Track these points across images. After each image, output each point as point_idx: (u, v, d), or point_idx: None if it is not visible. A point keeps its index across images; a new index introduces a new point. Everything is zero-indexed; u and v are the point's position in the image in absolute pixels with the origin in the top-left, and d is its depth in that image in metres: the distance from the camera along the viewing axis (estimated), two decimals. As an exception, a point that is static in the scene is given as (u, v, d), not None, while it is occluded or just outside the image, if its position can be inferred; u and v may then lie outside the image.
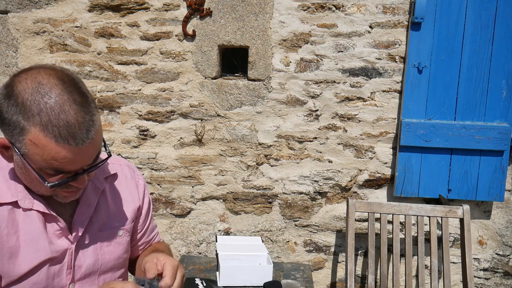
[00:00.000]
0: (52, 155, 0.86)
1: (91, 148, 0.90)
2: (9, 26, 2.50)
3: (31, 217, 0.99)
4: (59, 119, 0.84)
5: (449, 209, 2.29)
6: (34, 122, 0.84)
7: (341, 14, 2.39)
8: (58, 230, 1.02)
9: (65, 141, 0.85)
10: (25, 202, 0.98)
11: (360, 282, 2.64)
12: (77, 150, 0.87)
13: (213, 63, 2.47)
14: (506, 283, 2.60)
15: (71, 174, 0.92)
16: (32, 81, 0.86)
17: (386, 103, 2.45)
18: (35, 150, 0.86)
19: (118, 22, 2.47)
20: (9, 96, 0.86)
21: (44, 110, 0.84)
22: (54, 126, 0.84)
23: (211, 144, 2.54)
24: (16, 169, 0.97)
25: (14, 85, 0.86)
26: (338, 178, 2.53)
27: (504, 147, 2.37)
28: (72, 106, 0.86)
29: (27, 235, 0.98)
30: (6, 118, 0.86)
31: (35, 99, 0.84)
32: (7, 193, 0.98)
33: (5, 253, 0.96)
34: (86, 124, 0.87)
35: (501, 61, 2.33)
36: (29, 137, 0.85)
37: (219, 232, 2.62)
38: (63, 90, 0.86)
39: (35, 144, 0.85)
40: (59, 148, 0.85)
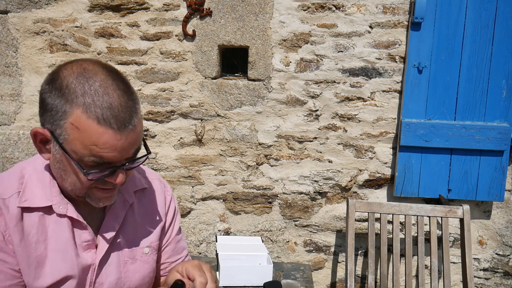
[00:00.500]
0: (93, 140, 0.82)
1: (132, 136, 0.86)
2: (9, 26, 2.50)
3: (62, 225, 0.95)
4: (102, 101, 0.82)
5: (449, 209, 2.29)
6: (77, 103, 0.81)
7: (341, 14, 2.39)
8: (85, 242, 0.98)
9: (107, 124, 0.82)
10: (59, 207, 0.95)
11: (360, 282, 2.64)
12: (119, 135, 0.83)
13: (213, 63, 2.47)
14: (506, 283, 2.60)
15: (110, 167, 0.87)
16: (77, 67, 0.85)
17: (386, 103, 2.45)
18: (75, 135, 0.83)
19: (118, 22, 2.47)
20: (53, 81, 0.85)
21: (88, 92, 0.82)
22: (97, 107, 0.81)
23: (211, 144, 2.54)
24: (52, 166, 0.93)
25: (60, 71, 0.85)
26: (338, 178, 2.53)
27: (504, 147, 2.37)
28: (116, 91, 0.84)
29: (55, 244, 0.94)
30: (49, 103, 0.84)
31: (79, 82, 0.83)
32: (42, 197, 0.94)
33: (32, 262, 0.92)
34: (130, 109, 0.85)
35: (501, 61, 2.33)
36: (71, 120, 0.82)
37: (219, 232, 2.62)
38: (108, 76, 0.85)
39: (76, 127, 0.82)
40: (101, 130, 0.82)
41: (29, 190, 0.94)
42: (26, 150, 2.58)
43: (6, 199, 0.91)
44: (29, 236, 0.92)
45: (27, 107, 2.56)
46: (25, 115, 2.57)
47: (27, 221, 0.92)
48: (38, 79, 2.53)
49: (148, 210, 1.11)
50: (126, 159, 0.89)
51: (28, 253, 0.92)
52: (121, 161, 0.88)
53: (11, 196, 0.92)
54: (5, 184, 0.94)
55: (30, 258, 0.92)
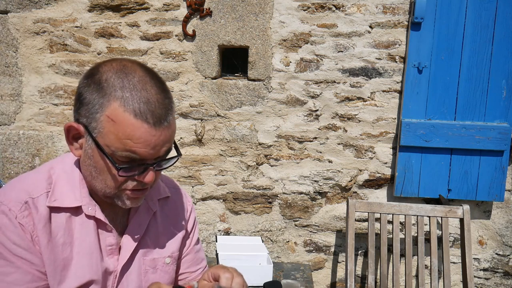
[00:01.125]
0: (128, 133, 0.82)
1: (166, 134, 0.86)
2: (9, 26, 2.50)
3: (87, 228, 0.94)
4: (140, 96, 0.83)
5: (449, 209, 2.28)
6: (115, 96, 0.82)
7: (341, 14, 2.39)
8: (110, 246, 0.96)
9: (144, 118, 0.82)
10: (88, 208, 0.93)
11: (360, 282, 2.64)
12: (154, 131, 0.83)
13: (213, 63, 2.47)
14: (506, 283, 2.60)
15: (141, 164, 0.87)
16: (117, 64, 0.86)
17: (386, 103, 2.45)
18: (110, 128, 0.82)
19: (118, 22, 2.47)
20: (92, 75, 0.86)
21: (127, 86, 0.83)
22: (134, 101, 0.82)
23: (211, 144, 2.54)
24: (83, 163, 0.92)
25: (99, 67, 0.87)
26: (338, 178, 2.53)
27: (504, 147, 2.37)
28: (153, 87, 0.85)
29: (80, 247, 0.93)
30: (86, 97, 0.84)
31: (119, 76, 0.84)
32: (71, 197, 0.93)
33: (59, 264, 0.90)
34: (166, 106, 0.85)
35: (501, 61, 2.33)
36: (107, 113, 0.82)
37: (219, 232, 2.62)
38: (146, 73, 0.86)
39: (112, 120, 0.82)
40: (137, 124, 0.82)
41: (58, 190, 0.92)
42: (26, 150, 2.58)
43: (35, 198, 0.89)
44: (56, 238, 0.90)
45: (27, 107, 2.56)
46: (25, 115, 2.57)
47: (54, 222, 0.91)
48: (38, 79, 2.53)
49: (171, 219, 1.10)
50: (157, 158, 0.88)
51: (55, 255, 0.90)
52: (152, 159, 0.87)
53: (40, 195, 0.90)
54: (34, 183, 0.92)
55: (56, 260, 0.90)
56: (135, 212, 1.02)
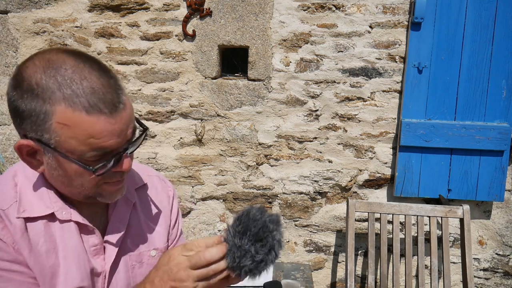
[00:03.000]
0: (88, 132, 0.75)
1: (125, 116, 0.79)
2: (9, 26, 2.50)
3: (68, 231, 0.88)
4: (83, 87, 0.74)
5: (449, 209, 2.29)
6: (56, 99, 0.73)
7: (341, 14, 2.39)
8: (93, 247, 0.91)
9: (97, 110, 0.74)
10: (62, 212, 0.87)
11: (360, 282, 2.64)
12: (113, 119, 0.76)
13: (213, 63, 2.47)
14: (506, 283, 2.60)
15: (114, 156, 0.80)
16: (40, 61, 0.75)
17: (386, 103, 2.45)
18: (67, 133, 0.75)
19: (118, 22, 2.47)
20: (19, 84, 0.75)
21: (64, 83, 0.73)
22: (80, 96, 0.73)
23: (211, 144, 2.54)
24: (49, 176, 0.85)
25: (22, 72, 0.76)
26: (338, 178, 2.53)
27: (504, 147, 2.37)
28: (92, 72, 0.76)
29: (65, 251, 0.87)
30: (24, 110, 0.75)
31: (49, 75, 0.74)
32: (41, 205, 0.86)
33: (47, 273, 0.85)
34: (114, 87, 0.77)
35: (501, 61, 2.33)
36: (56, 119, 0.74)
37: (219, 232, 2.62)
38: (77, 60, 0.76)
39: (65, 124, 0.74)
40: (93, 119, 0.74)
41: (25, 199, 0.86)
42: (26, 150, 2.58)
43: (6, 210, 0.83)
44: (38, 246, 0.85)
45: (27, 107, 2.56)
46: (25, 115, 2.57)
47: (31, 231, 0.85)
48: (38, 79, 2.53)
49: (152, 209, 1.05)
50: (126, 142, 0.82)
51: (40, 264, 0.85)
52: (122, 145, 0.81)
53: (10, 206, 0.84)
54: (1, 194, 0.86)
55: (43, 269, 0.85)
56: (113, 207, 0.96)
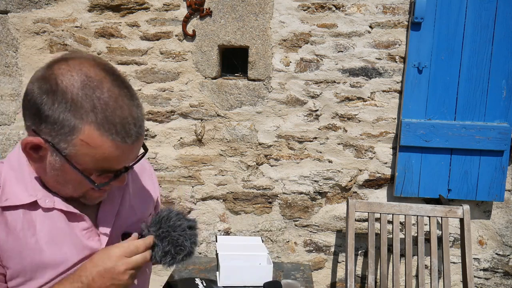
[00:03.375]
0: (106, 155, 0.80)
1: (140, 144, 0.86)
2: (9, 26, 2.50)
3: (52, 218, 0.89)
4: (114, 116, 0.78)
5: (449, 209, 2.29)
6: (88, 120, 0.76)
7: (341, 14, 2.39)
8: (85, 230, 0.93)
9: (122, 139, 0.79)
10: (45, 201, 0.89)
11: (360, 282, 2.64)
12: (131, 148, 0.82)
13: (213, 63, 2.47)
14: (506, 283, 2.60)
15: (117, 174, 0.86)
16: (78, 74, 0.77)
17: (386, 103, 2.45)
18: (86, 151, 0.79)
19: (118, 22, 2.47)
20: (53, 92, 0.77)
21: (99, 106, 0.77)
22: (110, 123, 0.77)
23: (211, 144, 2.54)
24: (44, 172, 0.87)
25: (57, 79, 0.77)
26: (338, 178, 2.53)
27: (504, 147, 2.37)
28: (124, 100, 0.80)
29: (48, 236, 0.88)
30: (51, 116, 0.77)
31: (86, 94, 0.76)
32: (23, 194, 0.88)
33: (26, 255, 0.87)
34: (139, 119, 0.82)
35: (501, 61, 2.33)
36: (81, 137, 0.77)
37: (219, 232, 2.62)
38: (113, 83, 0.80)
39: (88, 144, 0.78)
40: (115, 145, 0.79)
41: (9, 188, 0.88)
42: (26, 150, 2.58)
43: None
44: (16, 231, 0.86)
45: (27, 107, 2.56)
46: (25, 115, 2.57)
47: (10, 216, 0.86)
48: (38, 79, 2.53)
49: (141, 188, 1.09)
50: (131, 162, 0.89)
51: (19, 247, 0.86)
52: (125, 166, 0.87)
53: None
54: None
55: (23, 252, 0.86)
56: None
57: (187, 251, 0.95)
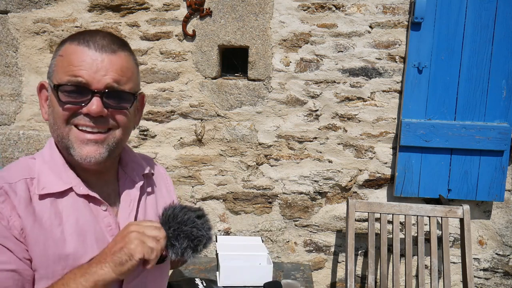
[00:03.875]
0: (71, 59, 0.88)
1: (111, 61, 0.90)
2: (9, 26, 2.50)
3: (79, 209, 0.93)
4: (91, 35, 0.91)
5: (449, 209, 2.29)
6: (67, 40, 0.92)
7: (341, 14, 2.39)
8: (109, 227, 0.96)
9: (86, 44, 0.89)
10: (80, 188, 0.93)
11: (360, 282, 2.64)
12: (96, 54, 0.88)
13: (213, 63, 2.47)
14: (506, 283, 2.60)
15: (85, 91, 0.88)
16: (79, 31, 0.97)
17: (386, 103, 2.45)
18: (59, 63, 0.90)
19: (118, 22, 2.47)
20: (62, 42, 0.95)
21: (82, 34, 0.92)
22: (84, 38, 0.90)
23: (211, 144, 2.54)
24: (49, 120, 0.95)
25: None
26: (338, 178, 2.53)
27: (504, 147, 2.37)
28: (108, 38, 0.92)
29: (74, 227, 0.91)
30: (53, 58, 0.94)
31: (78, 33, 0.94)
32: (58, 182, 0.92)
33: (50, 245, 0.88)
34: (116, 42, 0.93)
35: (501, 61, 2.33)
36: (60, 52, 0.91)
37: (219, 232, 2.62)
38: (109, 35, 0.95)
39: (61, 55, 0.90)
40: (79, 49, 0.88)
41: (44, 178, 0.92)
42: (26, 150, 2.58)
43: (13, 183, 0.89)
44: (43, 220, 0.88)
45: (27, 107, 2.56)
46: (25, 115, 2.57)
47: (38, 206, 0.89)
48: (38, 79, 2.53)
49: (159, 195, 1.13)
50: (103, 87, 0.88)
51: (44, 237, 0.88)
52: (98, 87, 0.88)
53: (18, 181, 0.90)
54: (11, 172, 0.92)
55: (47, 241, 0.88)
56: (123, 189, 1.03)
57: (206, 239, 0.95)
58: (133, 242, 0.85)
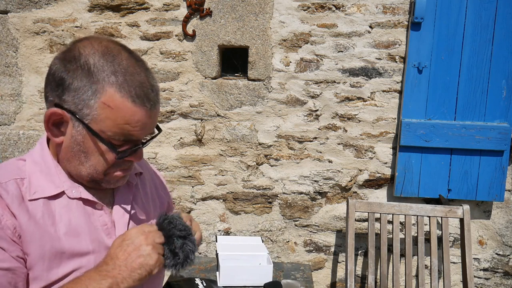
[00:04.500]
0: (127, 118, 0.83)
1: (157, 115, 0.90)
2: (9, 26, 2.50)
3: (71, 211, 0.91)
4: (134, 80, 0.83)
5: (449, 209, 2.29)
6: (109, 82, 0.81)
7: (341, 14, 2.39)
8: (105, 225, 0.95)
9: (142, 102, 0.84)
10: (72, 191, 0.92)
11: (360, 282, 2.64)
12: (150, 113, 0.86)
13: (213, 63, 2.47)
14: (506, 283, 2.60)
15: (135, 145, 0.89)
16: (99, 45, 0.84)
17: (386, 103, 2.45)
18: (108, 114, 0.82)
19: (118, 22, 2.47)
20: (76, 60, 0.83)
21: (118, 69, 0.82)
22: (130, 86, 0.82)
23: (211, 144, 2.54)
24: (68, 149, 0.89)
25: (79, 49, 0.84)
26: (338, 178, 2.53)
27: (504, 147, 2.37)
28: (141, 70, 0.86)
29: (67, 227, 0.89)
30: (73, 83, 0.82)
31: (107, 60, 0.83)
32: (50, 186, 0.90)
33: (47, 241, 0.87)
34: (156, 87, 0.88)
35: (501, 61, 2.33)
36: (103, 99, 0.81)
37: (219, 232, 2.62)
38: (131, 55, 0.87)
39: (109, 106, 0.82)
40: (136, 109, 0.83)
41: (35, 182, 0.90)
42: (26, 150, 2.58)
43: (3, 183, 0.87)
44: (36, 218, 0.87)
45: (27, 107, 2.56)
46: (25, 115, 2.57)
47: (30, 205, 0.88)
48: (38, 79, 2.53)
49: (151, 190, 1.13)
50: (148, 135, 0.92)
51: (40, 233, 0.87)
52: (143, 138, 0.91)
53: (8, 181, 0.88)
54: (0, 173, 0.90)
55: (43, 237, 0.87)
56: (117, 188, 1.02)
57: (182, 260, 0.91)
58: (151, 257, 0.85)
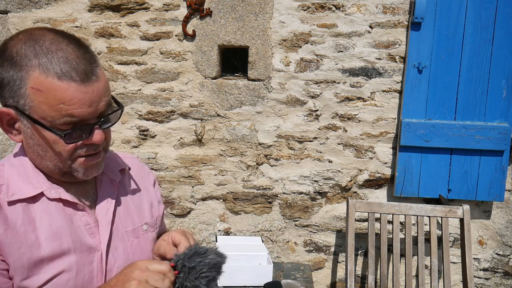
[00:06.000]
0: (58, 97, 0.79)
1: (99, 88, 0.84)
2: (9, 26, 2.50)
3: (51, 213, 0.90)
4: (58, 56, 0.80)
5: (449, 209, 2.29)
6: (32, 65, 0.79)
7: (341, 14, 2.39)
8: (88, 225, 0.93)
9: (69, 77, 0.80)
10: (51, 192, 0.90)
11: (360, 282, 2.64)
12: (84, 87, 0.81)
13: (213, 63, 2.47)
14: (506, 283, 2.60)
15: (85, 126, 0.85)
16: (23, 35, 0.82)
17: (386, 103, 2.45)
18: (40, 98, 0.80)
19: (118, 22, 2.47)
20: (2, 54, 0.82)
21: (40, 52, 0.80)
22: (54, 64, 0.79)
23: (211, 144, 2.54)
24: (27, 148, 0.89)
25: (6, 44, 0.83)
26: (338, 178, 2.53)
27: (504, 147, 2.37)
28: (69, 45, 0.82)
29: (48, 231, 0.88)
30: (4, 77, 0.81)
31: (29, 45, 0.80)
32: (28, 187, 0.89)
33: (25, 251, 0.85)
34: (88, 59, 0.83)
35: (501, 61, 2.33)
36: (31, 84, 0.79)
37: (219, 232, 2.62)
38: (56, 34, 0.83)
39: (39, 89, 0.79)
40: (64, 85, 0.79)
41: (13, 184, 0.89)
42: (26, 150, 2.58)
43: None
44: (16, 227, 0.86)
45: (27, 107, 2.56)
46: (25, 115, 2.57)
47: (10, 212, 0.86)
48: (38, 79, 2.53)
49: (136, 187, 1.10)
50: (99, 116, 0.87)
51: (18, 243, 0.85)
52: (94, 117, 0.85)
53: None
54: None
55: (21, 247, 0.85)
56: (100, 187, 1.00)
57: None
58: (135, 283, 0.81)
